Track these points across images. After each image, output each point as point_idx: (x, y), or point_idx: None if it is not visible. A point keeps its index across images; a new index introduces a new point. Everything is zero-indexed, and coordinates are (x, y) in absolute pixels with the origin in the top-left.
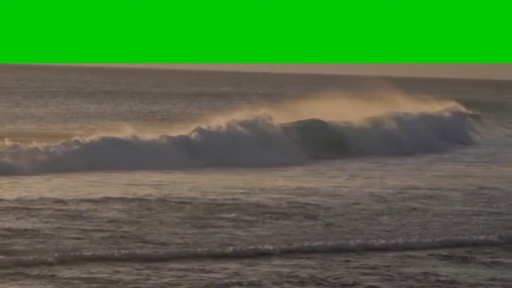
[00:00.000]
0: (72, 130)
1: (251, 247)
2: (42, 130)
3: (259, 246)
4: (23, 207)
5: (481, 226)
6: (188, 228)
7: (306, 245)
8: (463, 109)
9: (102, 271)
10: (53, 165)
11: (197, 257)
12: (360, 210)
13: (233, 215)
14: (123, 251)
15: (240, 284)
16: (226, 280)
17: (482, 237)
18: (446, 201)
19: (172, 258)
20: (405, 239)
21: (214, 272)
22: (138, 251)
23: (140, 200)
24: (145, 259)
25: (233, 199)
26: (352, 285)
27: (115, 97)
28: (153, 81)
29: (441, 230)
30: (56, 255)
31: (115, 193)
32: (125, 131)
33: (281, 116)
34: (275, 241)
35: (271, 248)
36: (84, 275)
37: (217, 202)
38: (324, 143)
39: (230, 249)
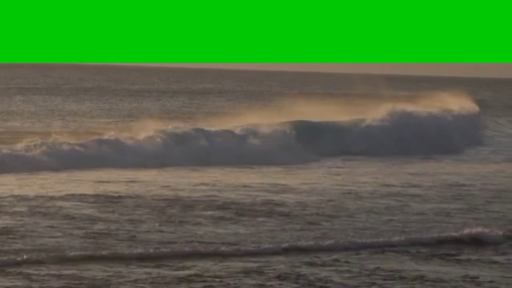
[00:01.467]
0: (52, 128)
1: (227, 245)
2: (19, 128)
3: (237, 245)
4: None
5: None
6: (164, 226)
7: (279, 244)
8: (474, 106)
9: (74, 269)
10: (28, 163)
11: (174, 256)
12: (338, 208)
13: (209, 212)
14: (97, 250)
15: (205, 280)
16: (191, 276)
17: (452, 235)
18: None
19: (148, 256)
20: (376, 237)
21: (187, 269)
22: (112, 249)
23: (114, 197)
24: (119, 257)
25: (207, 196)
26: (315, 281)
27: (95, 94)
28: (130, 78)
29: (414, 227)
30: (30, 253)
31: (86, 190)
32: (110, 130)
33: (273, 115)
34: (252, 239)
35: (250, 247)
36: (55, 272)
37: (192, 200)
38: (319, 143)
39: (207, 248)
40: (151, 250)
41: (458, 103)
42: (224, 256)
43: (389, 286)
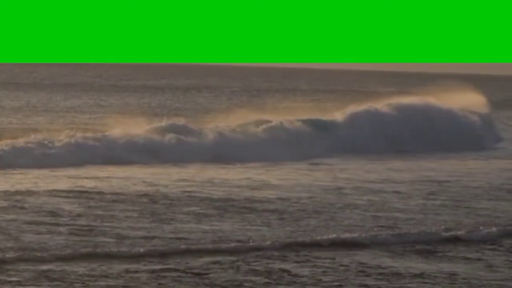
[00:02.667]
0: (35, 124)
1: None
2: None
3: (219, 242)
4: None
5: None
6: (148, 222)
7: (259, 240)
8: (485, 101)
9: (53, 264)
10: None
11: (155, 252)
12: (320, 204)
13: (192, 208)
14: (79, 247)
15: (179, 275)
16: (164, 271)
17: (430, 231)
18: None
19: (130, 252)
20: (354, 233)
21: (164, 264)
22: (94, 245)
23: (94, 193)
24: (100, 254)
25: (189, 192)
26: (287, 276)
27: (78, 90)
28: (117, 75)
29: (394, 224)
30: (10, 250)
31: (64, 186)
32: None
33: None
34: (234, 235)
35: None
36: (33, 268)
37: (175, 196)
38: (320, 142)
39: (189, 244)
40: (133, 247)
41: (470, 99)
42: (204, 252)
43: (360, 281)
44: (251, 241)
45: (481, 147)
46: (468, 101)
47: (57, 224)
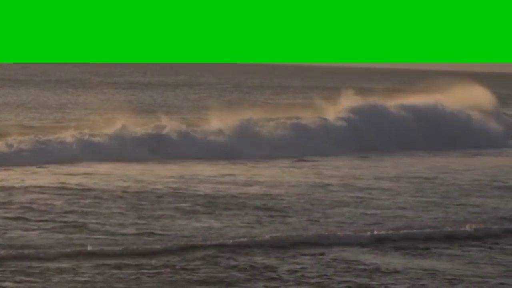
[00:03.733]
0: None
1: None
2: None
3: (204, 239)
4: None
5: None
6: (135, 218)
7: (247, 238)
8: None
9: (37, 262)
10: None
11: (142, 250)
12: (309, 201)
13: (180, 205)
14: (66, 245)
15: (160, 272)
16: (145, 266)
17: (417, 228)
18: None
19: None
20: (339, 231)
21: (145, 260)
22: (82, 244)
23: (81, 190)
24: (88, 253)
25: (177, 188)
26: (266, 271)
27: (70, 87)
28: (110, 72)
29: (381, 221)
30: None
31: (52, 183)
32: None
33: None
34: (222, 232)
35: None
36: (15, 263)
37: (162, 192)
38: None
39: (175, 242)
40: (119, 244)
41: (477, 96)
42: (188, 248)
43: (341, 278)
44: (236, 237)
45: (493, 145)
46: (476, 98)
47: (47, 221)
